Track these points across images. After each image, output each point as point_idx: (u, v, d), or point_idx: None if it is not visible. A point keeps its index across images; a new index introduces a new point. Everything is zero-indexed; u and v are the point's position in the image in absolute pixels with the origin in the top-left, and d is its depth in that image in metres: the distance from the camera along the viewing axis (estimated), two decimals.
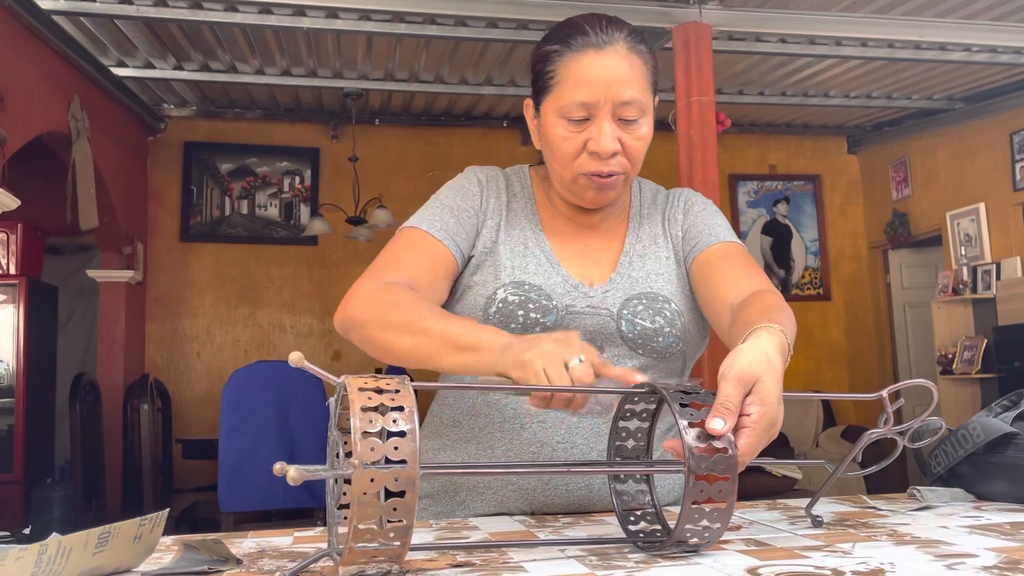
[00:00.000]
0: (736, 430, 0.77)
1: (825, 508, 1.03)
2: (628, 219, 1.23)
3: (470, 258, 1.17)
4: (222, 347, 5.87)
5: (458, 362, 0.94)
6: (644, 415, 0.90)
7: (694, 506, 0.74)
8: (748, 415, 0.78)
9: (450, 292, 1.17)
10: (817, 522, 0.92)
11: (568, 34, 1.10)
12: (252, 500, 3.38)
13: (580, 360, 0.84)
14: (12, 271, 4.42)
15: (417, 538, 0.89)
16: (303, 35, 4.51)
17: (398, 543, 0.68)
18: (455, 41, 4.61)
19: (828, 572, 0.68)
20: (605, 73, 1.07)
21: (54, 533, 0.73)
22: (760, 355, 0.82)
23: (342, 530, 0.74)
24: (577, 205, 1.18)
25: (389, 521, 0.68)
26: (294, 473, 0.65)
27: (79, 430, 4.31)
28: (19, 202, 3.53)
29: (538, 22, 4.09)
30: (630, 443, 0.91)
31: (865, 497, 1.11)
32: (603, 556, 0.78)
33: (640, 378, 0.85)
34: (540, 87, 1.13)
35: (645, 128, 1.11)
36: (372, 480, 0.66)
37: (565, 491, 1.11)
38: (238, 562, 0.79)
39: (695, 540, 0.77)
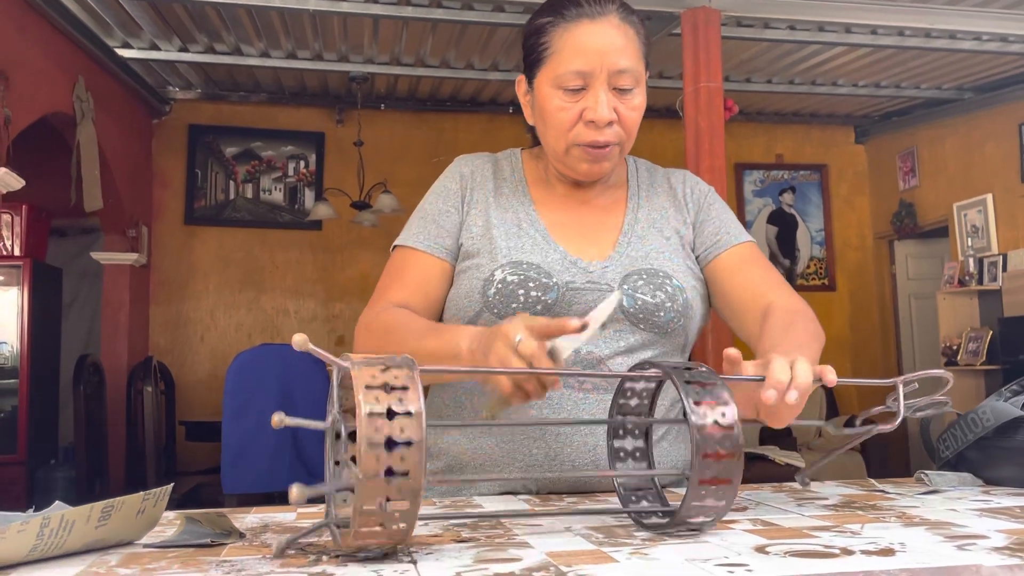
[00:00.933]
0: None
1: (831, 491, 1.03)
2: (627, 196, 1.23)
3: (460, 245, 1.18)
4: (226, 331, 5.87)
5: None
6: (644, 393, 0.90)
7: (699, 484, 0.74)
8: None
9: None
10: (804, 482, 0.92)
11: (561, 5, 1.10)
12: (255, 482, 3.39)
13: (519, 339, 0.84)
14: (16, 252, 4.42)
15: (421, 514, 0.88)
16: (309, 17, 4.49)
17: (403, 524, 0.68)
18: (462, 25, 4.59)
19: (837, 551, 0.68)
20: (600, 42, 1.07)
21: (57, 501, 0.73)
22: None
23: (343, 509, 0.73)
24: (573, 180, 1.18)
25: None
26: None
27: (83, 412, 4.32)
28: (23, 182, 3.53)
29: None
30: (634, 402, 0.90)
31: (873, 481, 1.10)
32: (609, 533, 0.77)
33: (576, 322, 0.84)
34: (534, 60, 1.13)
35: (639, 98, 1.11)
36: (377, 460, 0.65)
37: (572, 467, 1.10)
38: (241, 536, 0.78)
39: (700, 518, 0.76)
